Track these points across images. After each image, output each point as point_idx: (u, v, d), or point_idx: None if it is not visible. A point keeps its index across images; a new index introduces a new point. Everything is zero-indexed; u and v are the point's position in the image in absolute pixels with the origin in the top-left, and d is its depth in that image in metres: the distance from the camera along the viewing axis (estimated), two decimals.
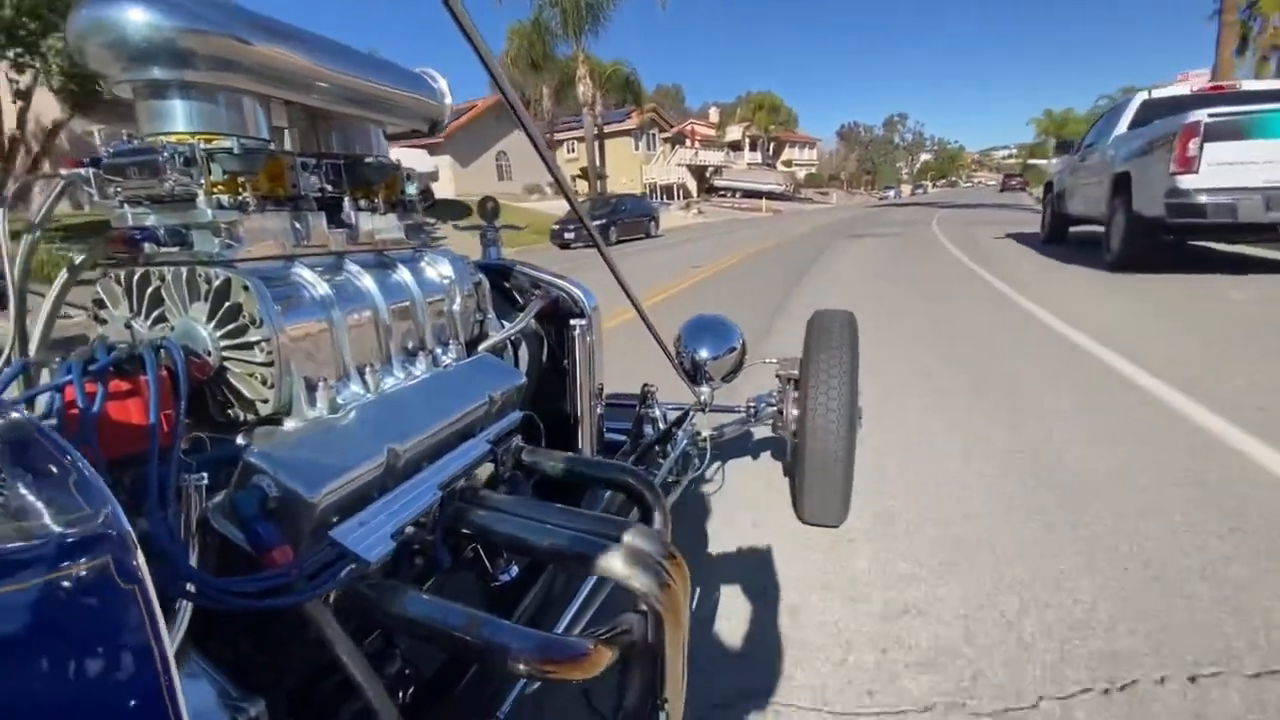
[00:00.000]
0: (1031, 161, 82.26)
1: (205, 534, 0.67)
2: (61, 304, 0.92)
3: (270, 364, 0.79)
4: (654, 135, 43.76)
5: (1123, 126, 7.35)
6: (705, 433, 1.90)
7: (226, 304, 0.79)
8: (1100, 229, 7.55)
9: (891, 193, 62.96)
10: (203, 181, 0.81)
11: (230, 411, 0.82)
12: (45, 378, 0.76)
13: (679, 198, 40.50)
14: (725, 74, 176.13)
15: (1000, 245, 10.51)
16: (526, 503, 0.97)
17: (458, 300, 1.17)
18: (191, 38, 0.77)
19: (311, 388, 0.84)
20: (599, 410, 1.49)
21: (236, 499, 0.68)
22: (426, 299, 1.09)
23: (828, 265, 9.38)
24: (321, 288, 0.90)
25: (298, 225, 0.94)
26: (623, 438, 1.72)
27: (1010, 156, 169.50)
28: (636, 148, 42.11)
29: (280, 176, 0.92)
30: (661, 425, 1.78)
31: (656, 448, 1.70)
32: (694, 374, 1.93)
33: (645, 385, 1.79)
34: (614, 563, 0.80)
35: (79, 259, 0.88)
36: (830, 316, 1.89)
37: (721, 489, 2.26)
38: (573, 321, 1.38)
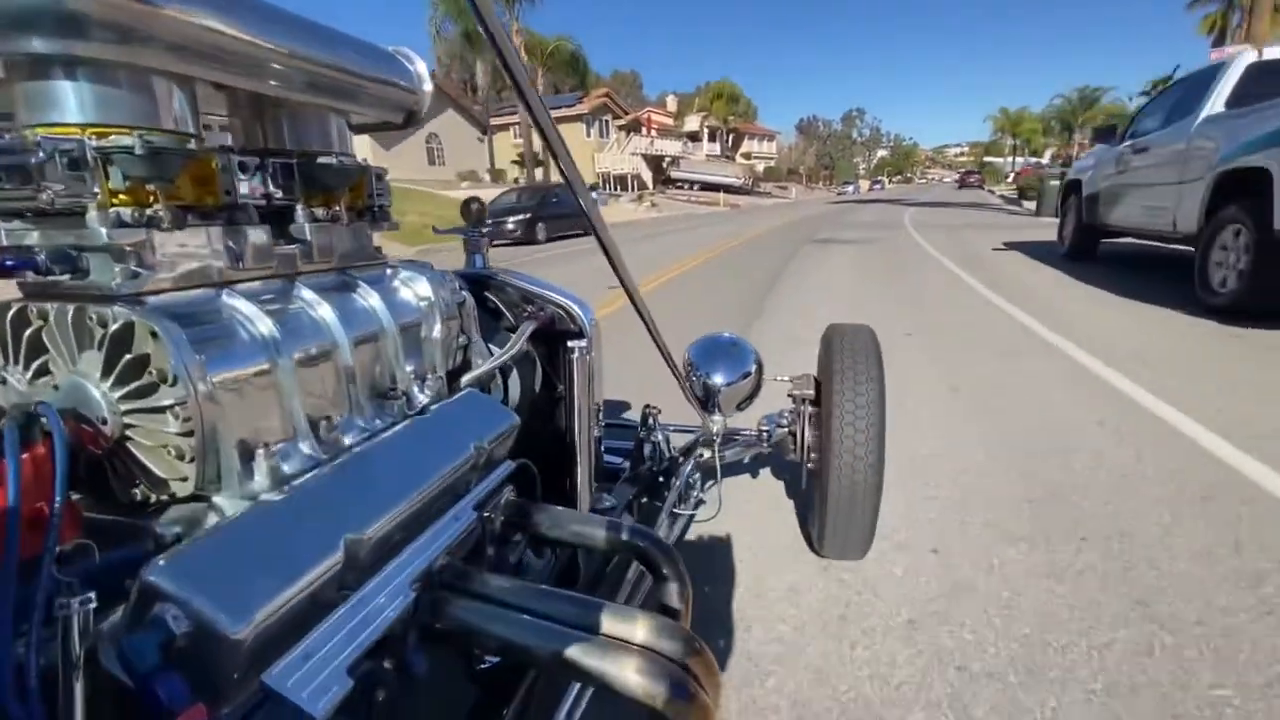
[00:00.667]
0: (987, 159, 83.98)
1: (94, 675, 0.51)
2: None
3: (189, 433, 0.63)
4: (607, 122, 40.94)
5: (1216, 104, 5.11)
6: (709, 456, 1.68)
7: (128, 355, 0.63)
8: (1164, 246, 5.36)
9: (850, 188, 61.66)
10: (97, 190, 0.63)
11: (135, 490, 0.66)
12: None
13: (633, 189, 37.94)
14: (685, 64, 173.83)
15: (1011, 262, 8.26)
16: (521, 589, 0.77)
17: (437, 325, 1.01)
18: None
19: (247, 457, 0.69)
20: (597, 434, 1.35)
21: (129, 644, 0.50)
22: (399, 327, 0.93)
23: (796, 294, 6.92)
24: (262, 323, 0.73)
25: (231, 243, 0.76)
26: (620, 461, 1.59)
27: (962, 154, 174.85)
28: (588, 134, 39.22)
29: (209, 180, 0.74)
30: (664, 450, 1.61)
31: (660, 479, 1.56)
32: (705, 401, 1.69)
33: (647, 407, 1.60)
34: (630, 675, 0.66)
35: None
36: (850, 331, 1.70)
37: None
38: (571, 343, 1.21)
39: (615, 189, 37.50)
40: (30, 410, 0.56)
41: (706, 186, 42.78)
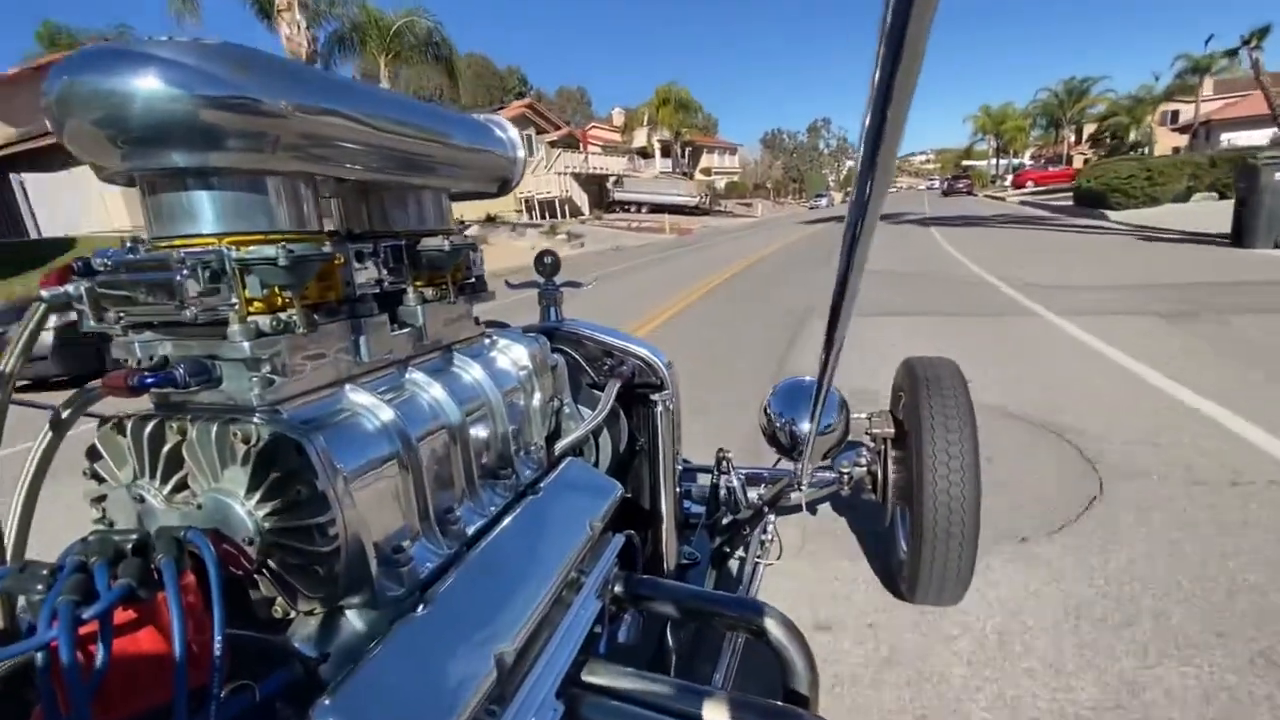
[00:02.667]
0: (967, 163, 79.00)
1: None
2: (38, 491, 0.71)
3: (335, 550, 0.61)
4: (530, 138, 33.90)
5: None
6: (794, 499, 1.57)
7: (275, 473, 0.61)
8: None
9: (823, 201, 55.25)
10: (235, 300, 0.62)
11: (274, 607, 0.64)
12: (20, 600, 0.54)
13: (564, 215, 30.84)
14: (641, 83, 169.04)
15: None
16: (656, 684, 0.78)
17: (536, 393, 1.01)
18: (215, 111, 0.57)
19: (383, 562, 0.67)
20: (678, 488, 1.31)
21: None
22: (504, 399, 0.92)
23: None
24: (387, 417, 0.72)
25: (354, 336, 0.76)
26: (697, 508, 1.58)
27: (928, 161, 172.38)
28: None
29: (331, 276, 0.74)
30: (740, 496, 1.56)
31: (745, 529, 1.50)
32: (792, 449, 1.61)
33: (720, 451, 1.59)
34: None
35: (65, 412, 0.70)
36: (935, 365, 1.63)
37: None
38: (654, 397, 1.21)
39: (541, 216, 30.35)
40: (179, 537, 0.53)
41: (657, 208, 35.90)
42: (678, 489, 1.30)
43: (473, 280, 0.99)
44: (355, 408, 0.71)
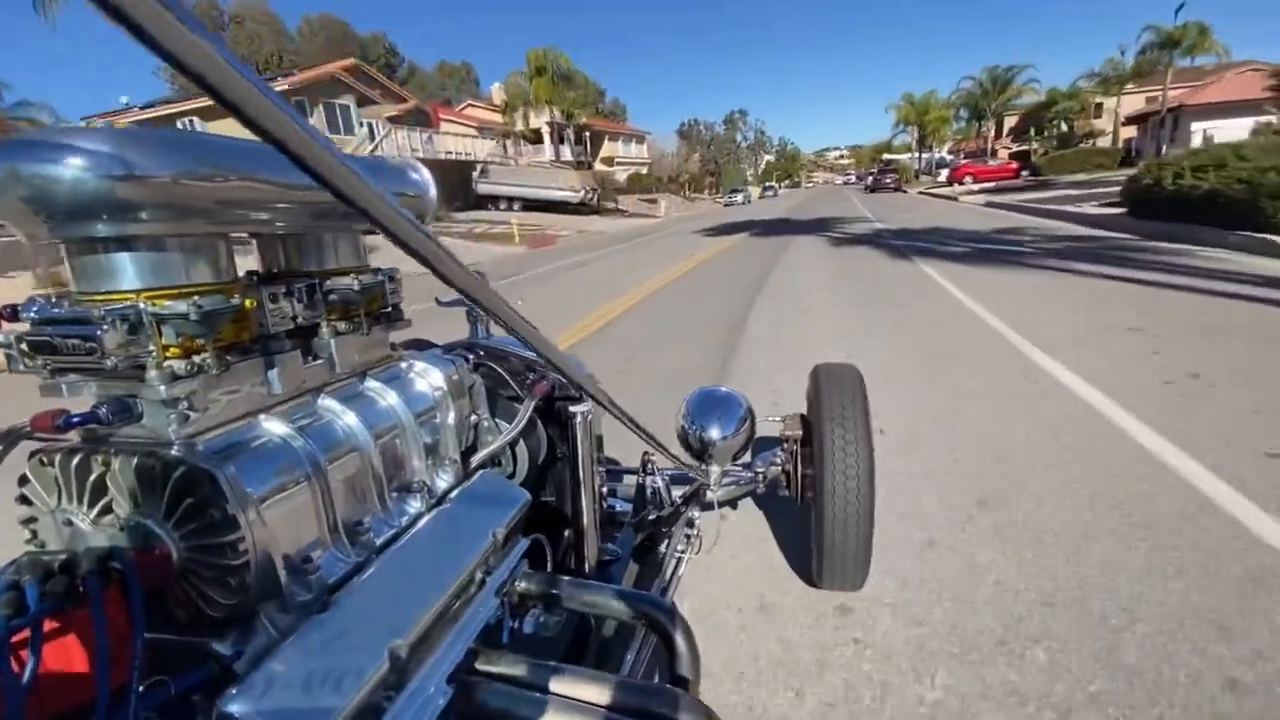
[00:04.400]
0: (890, 156, 75.53)
1: None
2: None
3: (245, 563, 0.68)
4: (348, 109, 25.10)
5: None
6: (708, 498, 1.73)
7: (189, 500, 0.68)
8: None
9: (739, 197, 48.70)
10: (152, 349, 0.69)
11: (194, 612, 0.71)
12: None
13: None
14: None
15: None
16: (547, 670, 0.84)
17: (451, 412, 1.06)
18: (136, 186, 0.64)
19: (294, 571, 0.74)
20: (600, 486, 1.38)
21: None
22: (417, 419, 0.99)
23: None
24: (299, 444, 0.79)
25: (267, 371, 0.82)
26: (624, 505, 1.63)
27: (842, 157, 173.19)
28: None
29: (245, 318, 0.79)
30: (664, 495, 1.64)
31: (663, 529, 1.60)
32: (701, 454, 1.72)
33: (646, 454, 1.61)
34: None
35: None
36: (838, 370, 1.79)
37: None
38: (574, 408, 1.26)
39: None
40: (104, 555, 0.61)
41: (533, 204, 28.10)
42: (601, 491, 1.37)
43: (389, 310, 1.04)
44: (266, 436, 0.77)
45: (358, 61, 28.44)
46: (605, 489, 1.54)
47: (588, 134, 48.36)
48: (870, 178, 47.59)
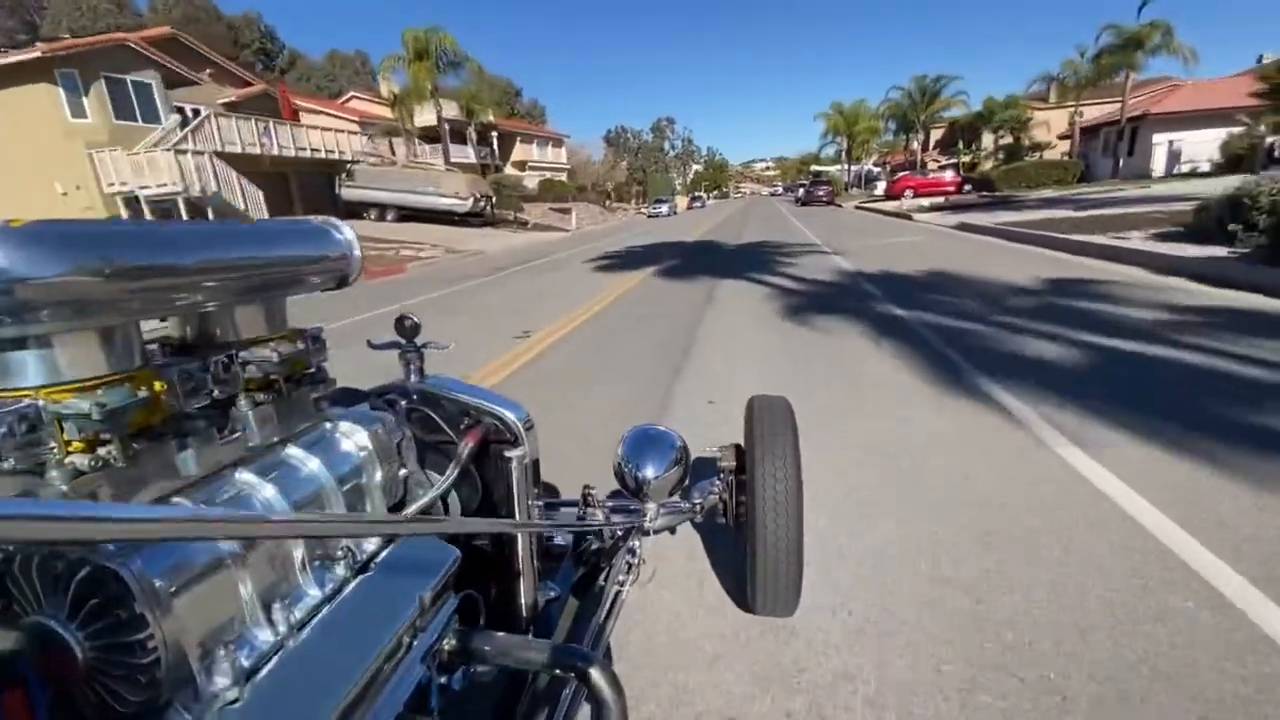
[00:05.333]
0: (818, 168, 73.80)
1: None
2: None
3: (156, 660, 0.66)
4: (148, 89, 19.10)
5: None
6: (650, 527, 1.71)
7: (94, 600, 0.65)
8: None
9: (664, 208, 44.51)
10: (54, 445, 0.66)
11: (106, 711, 0.68)
12: None
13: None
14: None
15: None
16: None
17: (378, 471, 1.04)
18: (28, 289, 0.62)
19: (209, 660, 0.71)
20: (537, 516, 1.39)
21: None
22: (343, 484, 0.96)
23: None
24: None
25: (179, 453, 0.78)
26: (563, 538, 1.62)
27: (768, 169, 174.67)
28: (79, 112, 17.27)
29: (155, 402, 0.75)
30: (604, 530, 1.64)
31: (601, 564, 1.58)
32: (637, 491, 1.74)
33: (586, 487, 1.69)
34: None
35: None
36: (769, 402, 1.82)
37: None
38: (508, 453, 1.24)
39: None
40: (6, 657, 0.62)
41: (410, 213, 22.93)
42: (536, 533, 1.35)
43: (313, 371, 1.02)
44: None
45: (175, 32, 22.38)
46: (544, 518, 1.50)
47: (495, 135, 43.21)
48: (801, 190, 44.71)
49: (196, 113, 19.60)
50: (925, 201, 22.84)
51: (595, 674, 0.91)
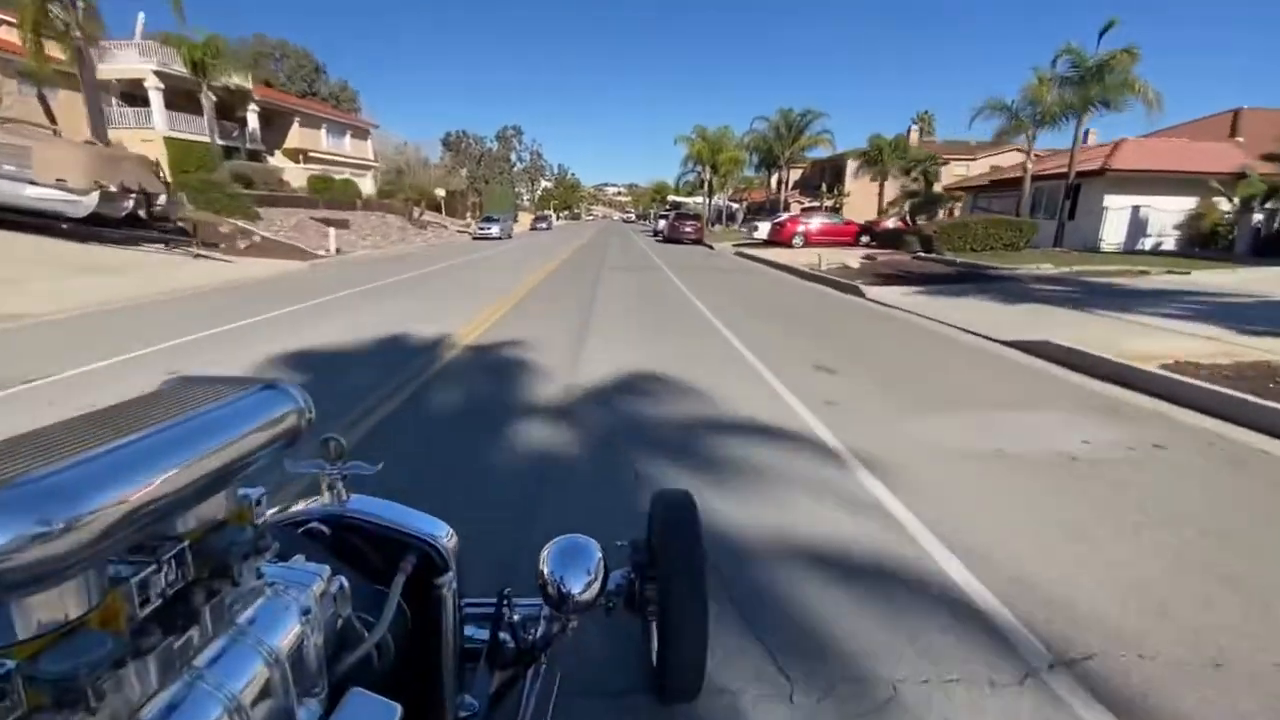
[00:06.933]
0: (676, 199, 68.40)
1: None
2: None
3: None
4: None
5: None
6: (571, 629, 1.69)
7: None
8: None
9: (495, 228, 34.57)
10: (22, 706, 0.62)
11: None
12: None
13: None
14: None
15: None
16: None
17: (318, 632, 0.95)
18: None
19: None
20: (460, 618, 1.35)
21: None
22: (286, 654, 0.88)
23: None
24: None
25: (136, 672, 0.71)
26: (480, 640, 1.57)
27: (620, 194, 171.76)
28: None
29: (116, 618, 0.71)
30: (520, 629, 1.61)
31: (515, 666, 1.58)
32: (560, 604, 1.65)
33: (503, 590, 1.65)
34: None
35: None
36: (673, 495, 1.92)
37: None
38: (437, 580, 1.20)
39: None
40: None
41: (33, 218, 11.67)
42: (458, 660, 1.33)
43: (258, 539, 0.94)
44: None
45: None
46: (466, 613, 1.50)
47: (253, 108, 31.10)
48: (663, 222, 37.58)
49: None
50: (798, 244, 16.13)
51: None
